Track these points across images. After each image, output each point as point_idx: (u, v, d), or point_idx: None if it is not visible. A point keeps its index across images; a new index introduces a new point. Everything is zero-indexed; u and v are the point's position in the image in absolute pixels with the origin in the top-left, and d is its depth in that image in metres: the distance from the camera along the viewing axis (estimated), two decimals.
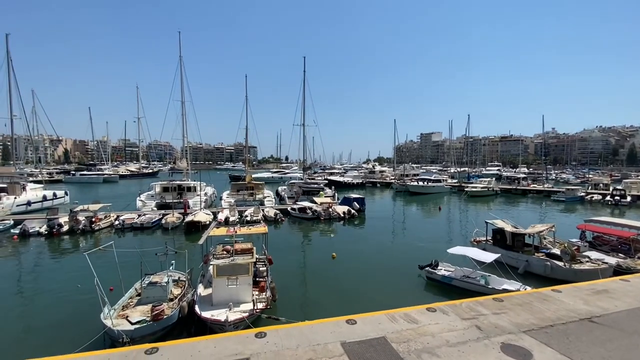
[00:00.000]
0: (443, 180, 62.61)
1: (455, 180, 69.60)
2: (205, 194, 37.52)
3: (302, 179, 51.33)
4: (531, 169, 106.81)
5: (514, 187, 59.45)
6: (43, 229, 23.82)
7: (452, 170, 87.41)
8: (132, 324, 9.47)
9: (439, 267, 15.56)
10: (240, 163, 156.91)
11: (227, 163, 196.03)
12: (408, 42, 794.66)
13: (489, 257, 14.24)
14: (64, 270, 17.28)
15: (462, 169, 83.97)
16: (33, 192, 36.56)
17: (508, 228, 18.15)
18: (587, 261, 15.59)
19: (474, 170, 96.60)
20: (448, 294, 13.72)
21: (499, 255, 14.69)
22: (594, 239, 19.28)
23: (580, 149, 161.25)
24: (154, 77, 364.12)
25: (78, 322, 10.90)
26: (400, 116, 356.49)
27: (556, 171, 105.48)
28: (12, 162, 55.50)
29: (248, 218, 28.18)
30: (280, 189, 49.15)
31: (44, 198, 37.04)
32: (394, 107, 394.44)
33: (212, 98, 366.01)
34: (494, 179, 64.59)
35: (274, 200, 40.52)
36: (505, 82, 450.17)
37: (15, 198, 33.13)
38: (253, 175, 53.84)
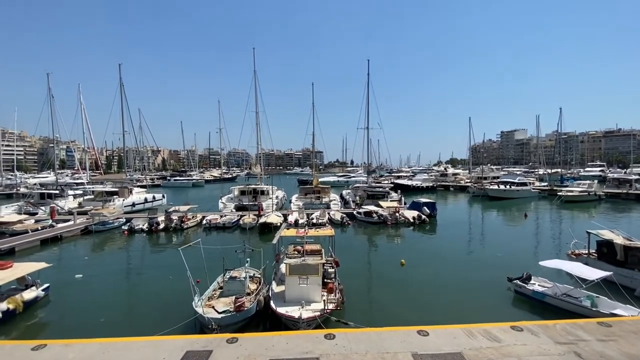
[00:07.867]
0: (529, 183, 55.62)
1: (545, 184, 61.07)
2: (277, 197, 39.90)
3: (366, 183, 50.86)
4: None
5: (624, 192, 49.53)
6: (145, 226, 28.02)
7: (540, 172, 76.88)
8: (218, 313, 10.54)
9: (531, 282, 13.79)
10: (308, 168, 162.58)
11: (295, 168, 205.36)
12: (482, 31, 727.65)
13: (595, 274, 11.97)
14: (160, 261, 20.24)
15: (553, 171, 73.02)
16: (137, 195, 43.77)
17: (619, 240, 15.18)
18: None
19: (568, 171, 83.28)
20: (538, 312, 12.08)
21: (611, 273, 12.38)
22: None
23: None
24: (230, 88, 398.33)
25: (170, 307, 12.49)
26: (475, 114, 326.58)
27: None
28: (124, 170, 66.80)
29: (314, 221, 28.98)
30: (344, 192, 49.24)
31: (145, 200, 43.85)
32: (468, 104, 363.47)
33: (280, 104, 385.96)
34: (596, 181, 55.01)
35: (339, 203, 40.96)
36: (604, 69, 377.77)
37: (123, 200, 40.03)
38: (319, 179, 55.22)
